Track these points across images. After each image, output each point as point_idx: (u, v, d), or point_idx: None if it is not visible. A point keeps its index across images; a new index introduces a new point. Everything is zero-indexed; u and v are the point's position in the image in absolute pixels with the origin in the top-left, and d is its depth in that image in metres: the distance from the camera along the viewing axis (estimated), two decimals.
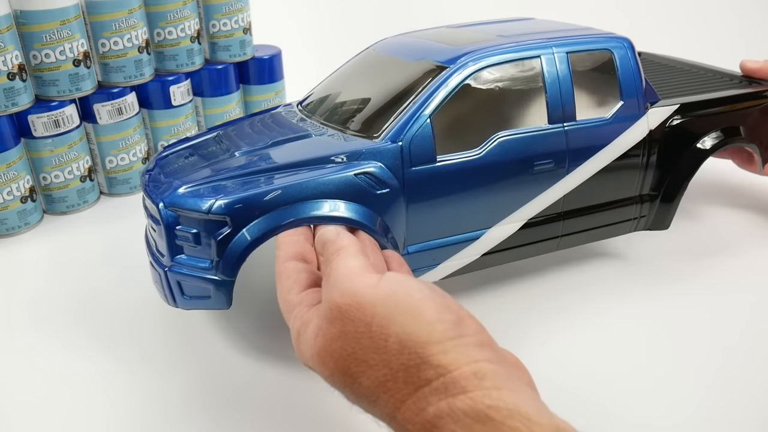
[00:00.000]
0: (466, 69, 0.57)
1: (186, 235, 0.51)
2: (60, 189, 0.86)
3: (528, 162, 0.58)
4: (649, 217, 0.68)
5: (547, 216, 0.62)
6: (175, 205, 0.51)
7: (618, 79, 0.63)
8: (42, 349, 0.61)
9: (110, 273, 0.73)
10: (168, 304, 0.55)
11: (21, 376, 0.58)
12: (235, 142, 0.59)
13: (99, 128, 0.88)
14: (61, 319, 0.65)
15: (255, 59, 1.00)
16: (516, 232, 0.61)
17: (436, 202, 0.56)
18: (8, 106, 0.78)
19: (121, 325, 0.64)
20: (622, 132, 0.63)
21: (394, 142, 0.54)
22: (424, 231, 0.57)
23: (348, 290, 0.37)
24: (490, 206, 0.59)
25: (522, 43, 0.60)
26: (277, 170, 0.52)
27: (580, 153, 0.61)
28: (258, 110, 0.80)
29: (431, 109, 0.55)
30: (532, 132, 0.59)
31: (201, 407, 0.54)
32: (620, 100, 0.63)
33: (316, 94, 0.67)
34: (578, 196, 0.63)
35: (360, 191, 0.52)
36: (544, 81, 0.59)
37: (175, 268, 0.52)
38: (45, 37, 0.78)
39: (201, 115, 0.98)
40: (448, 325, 0.35)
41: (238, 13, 0.95)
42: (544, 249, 0.64)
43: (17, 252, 0.79)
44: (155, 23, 0.89)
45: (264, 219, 0.50)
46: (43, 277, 0.74)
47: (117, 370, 0.58)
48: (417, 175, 0.55)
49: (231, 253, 0.50)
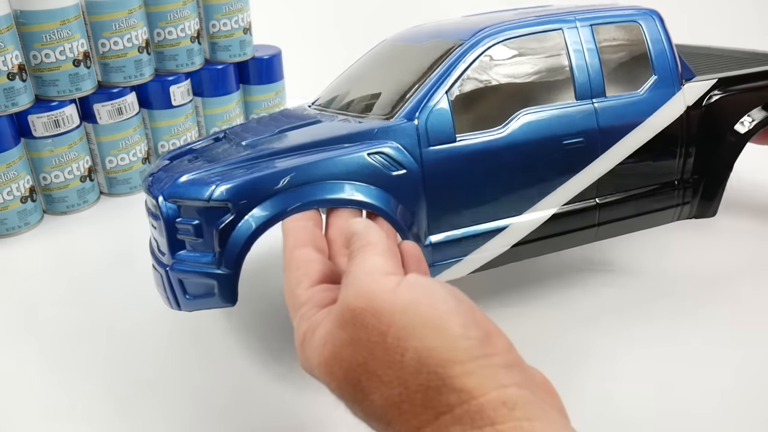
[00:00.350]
0: (483, 43, 0.53)
1: (187, 228, 0.48)
2: (60, 189, 0.86)
3: (556, 141, 0.54)
4: (693, 204, 0.63)
5: (581, 202, 0.57)
6: (175, 195, 0.48)
7: (649, 52, 0.59)
8: (41, 349, 0.61)
9: (110, 273, 0.72)
10: (171, 307, 0.51)
11: (20, 377, 0.58)
12: (241, 136, 0.56)
13: (99, 128, 0.88)
14: (60, 319, 0.65)
15: (255, 59, 1.00)
16: (548, 220, 0.56)
17: (457, 185, 0.52)
18: (8, 106, 0.78)
19: (120, 325, 0.64)
20: (657, 108, 0.58)
21: (410, 120, 0.51)
22: (447, 219, 0.53)
23: (364, 292, 0.33)
24: (518, 190, 0.54)
25: (543, 17, 0.57)
26: (282, 154, 0.49)
27: (612, 131, 0.56)
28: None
29: (448, 85, 0.52)
30: (559, 108, 0.54)
31: (204, 415, 0.53)
32: (653, 75, 0.59)
33: (327, 92, 0.65)
34: (614, 180, 0.58)
35: (374, 173, 0.48)
36: (569, 55, 0.56)
37: (177, 266, 0.49)
38: (45, 37, 0.78)
39: (201, 115, 0.98)
40: (474, 342, 0.31)
41: (238, 13, 0.95)
42: (581, 239, 0.59)
43: (17, 252, 0.79)
44: (155, 23, 0.89)
45: (268, 204, 0.46)
46: (43, 276, 0.74)
47: (116, 371, 0.58)
48: (436, 156, 0.51)
49: (234, 243, 0.46)
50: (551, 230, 0.57)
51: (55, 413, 0.53)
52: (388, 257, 0.36)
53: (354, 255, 0.37)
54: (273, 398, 0.53)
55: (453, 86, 0.52)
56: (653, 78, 0.59)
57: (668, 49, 0.60)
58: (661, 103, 0.58)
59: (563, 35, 0.56)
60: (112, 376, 0.57)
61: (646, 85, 0.58)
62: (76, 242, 0.80)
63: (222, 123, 0.99)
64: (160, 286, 0.52)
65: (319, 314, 0.36)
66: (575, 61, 0.56)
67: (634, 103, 0.57)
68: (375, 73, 0.62)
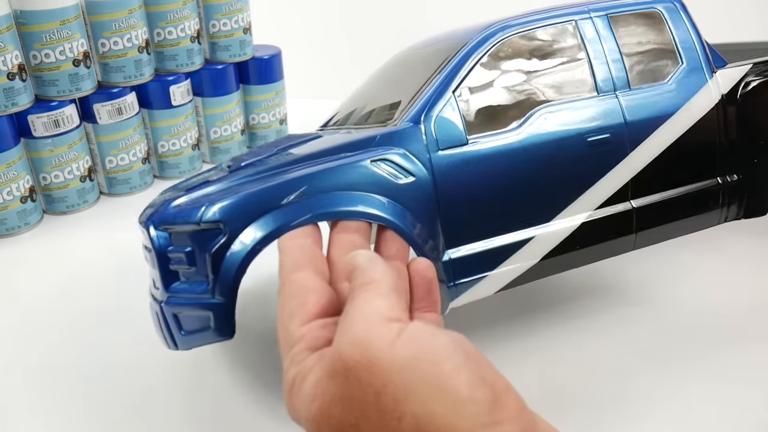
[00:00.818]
0: (491, 39, 0.51)
1: (179, 257, 0.44)
2: (60, 189, 0.86)
3: (580, 138, 0.50)
4: (740, 203, 0.57)
5: (614, 206, 0.53)
6: (165, 222, 0.45)
7: (673, 40, 0.55)
8: (41, 349, 0.61)
9: (110, 273, 0.72)
10: (168, 347, 0.48)
11: (19, 377, 0.58)
12: (240, 159, 0.53)
13: (99, 128, 0.87)
14: (60, 320, 0.65)
15: (255, 59, 1.00)
16: (580, 227, 0.51)
17: (474, 191, 0.48)
18: (8, 106, 0.78)
19: (120, 326, 0.64)
20: (689, 98, 0.54)
21: (416, 124, 0.47)
22: (465, 230, 0.48)
23: (360, 341, 0.29)
24: (543, 195, 0.50)
25: (553, 10, 0.54)
26: (277, 170, 0.46)
27: (641, 125, 0.52)
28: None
29: (455, 84, 0.49)
30: (580, 103, 0.51)
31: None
32: (680, 63, 0.55)
33: (333, 114, 0.63)
34: (649, 179, 0.53)
35: (379, 182, 0.45)
36: (585, 47, 0.52)
37: (171, 300, 0.45)
38: (45, 37, 0.78)
39: (201, 115, 0.98)
40: (483, 407, 0.27)
41: (238, 13, 0.95)
42: (618, 249, 0.54)
43: (17, 252, 0.79)
44: (155, 23, 0.89)
45: (261, 222, 0.42)
46: (43, 277, 0.74)
47: (116, 371, 0.58)
48: (447, 161, 0.47)
49: (228, 267, 0.43)
50: (584, 240, 0.52)
51: (45, 414, 0.53)
52: (392, 298, 0.32)
53: (354, 294, 0.32)
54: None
55: (461, 85, 0.49)
56: (681, 66, 0.55)
57: (694, 36, 0.56)
58: (692, 93, 0.55)
59: (578, 27, 0.53)
60: (111, 376, 0.57)
61: (674, 75, 0.55)
62: (76, 242, 0.80)
63: (222, 123, 0.99)
64: (157, 325, 0.49)
65: (310, 359, 0.32)
66: (593, 54, 0.53)
67: (662, 94, 0.54)
68: (381, 85, 0.60)
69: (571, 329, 0.60)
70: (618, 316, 0.61)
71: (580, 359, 0.57)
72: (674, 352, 0.56)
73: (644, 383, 0.53)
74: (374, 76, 0.64)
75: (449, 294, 0.48)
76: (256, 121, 1.04)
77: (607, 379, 0.54)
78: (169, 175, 0.97)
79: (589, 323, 0.61)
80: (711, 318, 0.60)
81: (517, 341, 0.59)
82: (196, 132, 0.98)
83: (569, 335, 0.59)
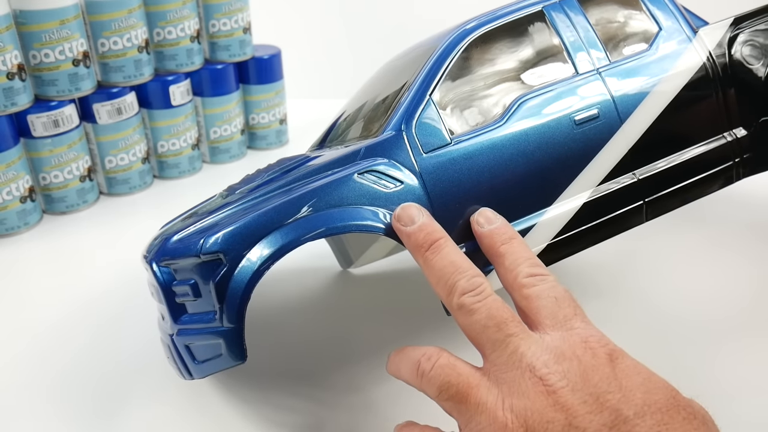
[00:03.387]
0: (462, 39, 0.51)
1: (184, 290, 0.45)
2: (59, 189, 0.86)
3: (566, 119, 0.50)
4: (754, 156, 0.56)
5: (617, 180, 0.52)
6: (166, 256, 0.46)
7: (646, 7, 0.55)
8: (40, 349, 0.61)
9: (109, 273, 0.72)
10: (184, 378, 0.49)
11: (19, 377, 0.58)
12: (234, 187, 0.54)
13: (98, 128, 0.87)
14: (59, 320, 0.65)
15: (255, 59, 1.00)
16: (584, 206, 0.51)
17: (466, 189, 0.48)
18: (7, 106, 0.78)
19: (120, 326, 0.63)
20: (674, 60, 0.54)
21: (397, 132, 0.49)
22: (462, 227, 0.49)
23: None
24: (537, 182, 0.50)
25: (521, 2, 0.54)
26: (270, 194, 0.47)
27: (629, 97, 0.52)
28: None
29: (432, 87, 0.50)
30: (560, 86, 0.51)
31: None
32: (656, 27, 0.55)
33: (323, 133, 0.63)
34: (648, 148, 0.52)
35: (368, 194, 0.46)
36: (558, 32, 0.53)
37: (181, 332, 0.46)
38: (44, 37, 0.78)
39: (201, 115, 0.98)
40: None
41: (238, 13, 0.95)
42: (629, 222, 0.53)
43: (16, 252, 0.79)
44: (155, 23, 0.89)
45: (258, 248, 0.44)
46: (42, 277, 0.74)
47: (116, 372, 0.58)
48: (433, 163, 0.48)
49: (233, 294, 0.44)
50: (591, 217, 0.51)
51: (45, 414, 0.53)
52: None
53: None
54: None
55: (437, 88, 0.50)
56: (658, 32, 0.55)
57: (668, 0, 0.56)
58: (676, 55, 0.54)
59: (546, 14, 0.53)
60: (111, 376, 0.57)
61: (654, 41, 0.54)
62: (75, 242, 0.80)
63: (222, 123, 0.99)
64: (170, 358, 0.49)
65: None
66: (566, 36, 0.53)
67: (645, 61, 0.53)
68: (365, 99, 0.60)
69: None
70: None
71: None
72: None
73: None
74: (360, 91, 0.65)
75: None
76: (255, 121, 1.04)
77: None
78: (168, 175, 0.97)
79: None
80: (678, 321, 0.60)
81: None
82: (196, 132, 0.98)
83: None
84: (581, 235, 0.51)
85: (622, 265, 0.69)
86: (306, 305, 0.67)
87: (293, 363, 0.58)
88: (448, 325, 0.61)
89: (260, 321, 0.63)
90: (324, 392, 0.54)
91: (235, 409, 0.53)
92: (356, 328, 0.62)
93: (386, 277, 0.70)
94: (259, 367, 0.57)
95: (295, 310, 0.66)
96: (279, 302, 0.66)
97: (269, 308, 0.66)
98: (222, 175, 0.97)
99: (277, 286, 0.68)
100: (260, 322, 0.63)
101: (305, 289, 0.69)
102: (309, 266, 0.72)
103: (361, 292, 0.68)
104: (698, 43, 0.55)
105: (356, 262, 0.70)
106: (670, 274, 0.67)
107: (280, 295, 0.67)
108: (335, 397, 0.54)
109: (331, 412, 0.52)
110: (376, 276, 0.70)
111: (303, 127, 1.10)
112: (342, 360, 0.58)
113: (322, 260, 0.72)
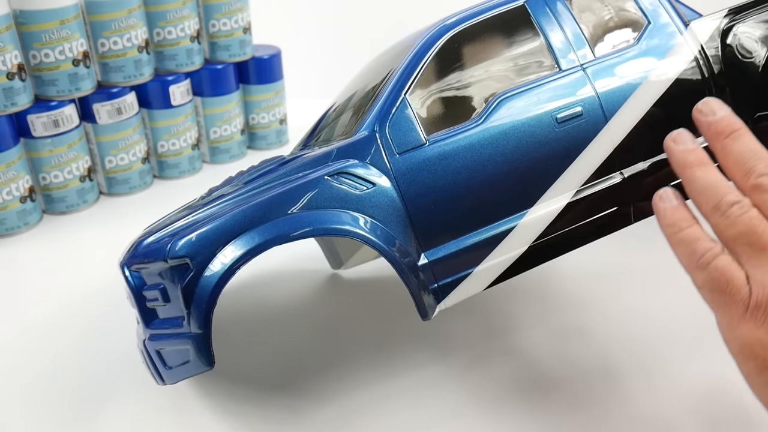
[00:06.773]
0: (440, 37, 0.50)
1: (154, 295, 0.45)
2: (59, 189, 0.86)
3: (548, 117, 0.48)
4: None
5: (601, 180, 0.49)
6: (136, 261, 0.46)
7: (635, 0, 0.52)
8: (40, 349, 0.61)
9: (109, 273, 0.72)
10: (157, 383, 0.49)
11: (18, 377, 0.58)
12: (213, 189, 0.54)
13: (98, 128, 0.87)
14: (59, 320, 0.65)
15: (255, 59, 1.00)
16: (568, 206, 0.49)
17: (440, 190, 0.47)
18: (7, 106, 0.78)
19: (120, 326, 0.63)
20: (663, 54, 0.51)
21: (369, 133, 0.47)
22: (438, 230, 0.47)
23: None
24: (517, 182, 0.48)
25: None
26: (243, 196, 0.47)
27: (614, 93, 0.49)
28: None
29: (407, 87, 0.48)
30: (542, 83, 0.49)
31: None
32: (645, 20, 0.52)
33: (307, 133, 0.62)
34: (636, 146, 0.50)
35: (339, 196, 0.45)
36: (540, 26, 0.50)
37: (153, 337, 0.46)
38: (44, 37, 0.78)
39: (201, 115, 0.98)
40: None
41: (238, 13, 0.95)
42: (615, 224, 0.50)
43: (16, 252, 0.79)
44: (155, 23, 0.89)
45: (223, 253, 0.43)
46: (42, 277, 0.74)
47: (116, 372, 0.58)
48: (406, 163, 0.47)
49: (199, 299, 0.43)
50: (575, 218, 0.49)
51: (43, 414, 0.53)
52: None
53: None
54: None
55: (412, 87, 0.48)
56: (647, 25, 0.52)
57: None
58: (666, 49, 0.51)
59: (527, 8, 0.51)
60: (110, 376, 0.57)
61: (642, 36, 0.51)
62: (75, 242, 0.80)
63: (221, 123, 0.99)
64: (144, 362, 0.49)
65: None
66: (548, 31, 0.50)
67: (632, 56, 0.51)
68: (349, 94, 0.59)
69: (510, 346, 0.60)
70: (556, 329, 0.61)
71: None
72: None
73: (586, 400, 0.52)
74: (346, 87, 0.64)
75: (434, 297, 0.47)
76: (255, 121, 1.04)
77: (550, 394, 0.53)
78: (168, 175, 0.97)
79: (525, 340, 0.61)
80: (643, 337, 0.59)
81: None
82: (196, 132, 0.98)
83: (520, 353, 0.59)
84: (565, 237, 0.49)
85: (620, 275, 0.68)
86: (294, 309, 0.66)
87: (275, 366, 0.58)
88: (432, 328, 0.61)
89: (244, 324, 0.63)
90: (303, 398, 0.54)
91: (217, 411, 0.53)
92: (343, 331, 0.62)
93: (375, 281, 0.70)
94: (241, 370, 0.57)
95: (282, 314, 0.65)
96: (266, 305, 0.66)
97: (255, 312, 0.65)
98: (222, 175, 0.96)
99: (264, 289, 0.68)
100: (244, 325, 0.63)
101: (294, 293, 0.69)
102: (298, 269, 0.72)
103: (349, 296, 0.68)
104: (690, 36, 0.53)
105: (346, 263, 0.70)
106: (666, 285, 0.65)
107: (266, 298, 0.67)
108: (317, 401, 0.54)
109: (312, 416, 0.52)
110: (365, 280, 0.70)
111: (303, 127, 1.09)
112: (325, 363, 0.58)
113: (313, 263, 0.71)
